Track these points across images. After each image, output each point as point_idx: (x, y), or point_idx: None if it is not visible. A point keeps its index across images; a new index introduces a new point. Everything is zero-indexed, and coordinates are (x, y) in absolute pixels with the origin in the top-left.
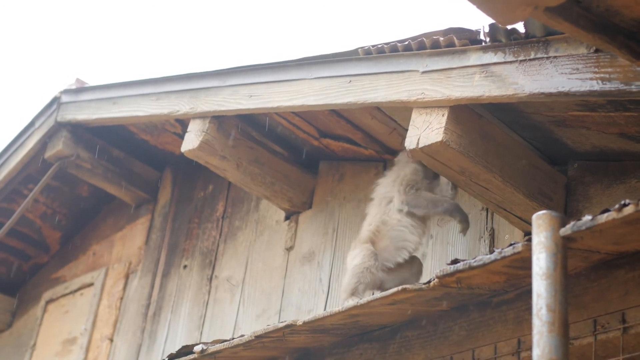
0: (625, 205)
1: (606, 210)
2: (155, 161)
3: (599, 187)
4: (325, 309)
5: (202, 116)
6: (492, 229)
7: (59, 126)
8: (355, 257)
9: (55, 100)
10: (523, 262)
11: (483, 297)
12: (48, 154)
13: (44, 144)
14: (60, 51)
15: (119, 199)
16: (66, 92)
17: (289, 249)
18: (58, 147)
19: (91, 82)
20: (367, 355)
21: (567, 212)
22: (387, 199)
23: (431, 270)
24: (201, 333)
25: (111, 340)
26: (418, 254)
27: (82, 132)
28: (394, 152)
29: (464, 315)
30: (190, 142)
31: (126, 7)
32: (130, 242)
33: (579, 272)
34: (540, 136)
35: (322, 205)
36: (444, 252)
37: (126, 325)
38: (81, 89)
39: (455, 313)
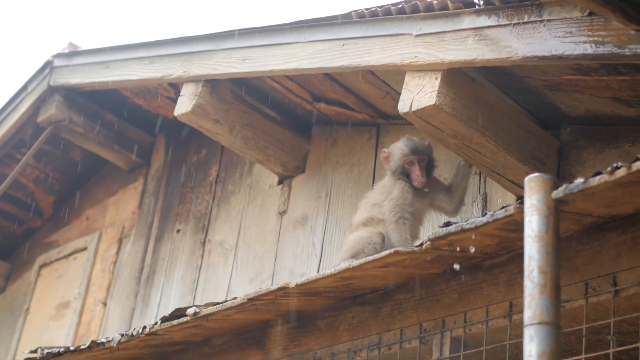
0: (617, 167)
1: (598, 173)
2: (149, 125)
3: (591, 151)
4: (318, 273)
5: (195, 80)
6: (485, 193)
7: (51, 90)
8: (363, 232)
9: (48, 64)
10: (515, 225)
11: (475, 260)
12: (41, 118)
13: (36, 108)
14: (53, 15)
15: (112, 163)
16: (59, 56)
17: (282, 213)
18: (51, 111)
19: (84, 46)
20: (359, 318)
21: (559, 176)
22: (377, 205)
23: (424, 234)
24: (194, 297)
25: (104, 304)
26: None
27: (75, 96)
28: (387, 116)
29: (455, 278)
30: (183, 105)
31: None
32: (123, 206)
33: (571, 235)
34: (534, 100)
35: (315, 170)
36: (437, 215)
37: (119, 290)
38: (74, 53)
39: (447, 276)
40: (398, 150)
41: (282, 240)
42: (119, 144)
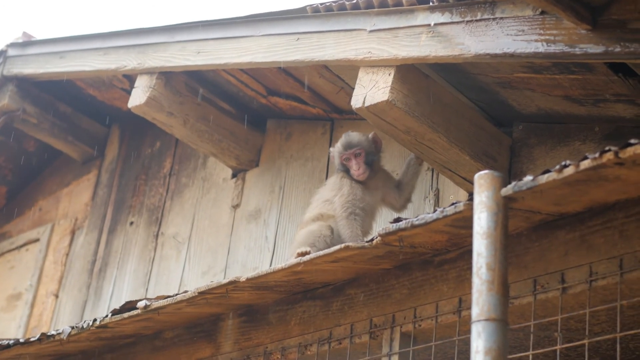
0: (565, 166)
1: (547, 171)
2: (103, 117)
3: (543, 149)
4: (270, 267)
5: (149, 72)
6: (437, 189)
7: (5, 80)
8: (313, 226)
9: (2, 53)
10: (465, 222)
11: (425, 256)
12: None
13: None
14: (7, 4)
15: (66, 154)
16: (13, 45)
17: (236, 207)
18: (4, 101)
19: (38, 36)
20: (310, 312)
21: (511, 173)
22: (329, 202)
23: (375, 229)
24: (147, 290)
25: (56, 296)
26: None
27: (29, 87)
28: (341, 111)
29: (406, 274)
30: (137, 97)
31: None
32: (76, 198)
33: (520, 232)
34: (486, 97)
35: (269, 164)
36: (389, 211)
37: (72, 282)
38: (28, 43)
39: (398, 272)
40: (336, 149)
41: (235, 234)
42: (72, 135)
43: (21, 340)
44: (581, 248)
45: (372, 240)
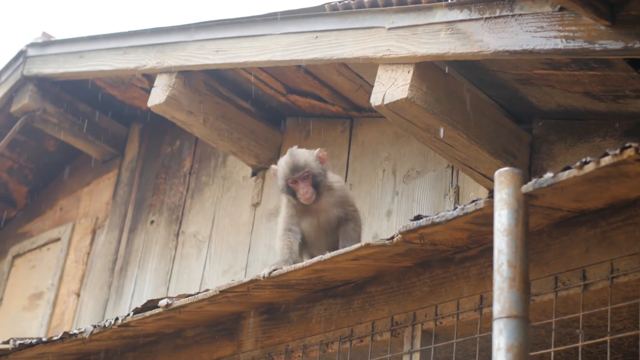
0: (586, 162)
1: (567, 168)
2: (123, 116)
3: (563, 146)
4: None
5: (168, 71)
6: (457, 187)
7: (25, 80)
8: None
9: (22, 53)
10: (485, 219)
11: (446, 253)
12: (14, 108)
13: (10, 98)
14: (27, 4)
15: (86, 154)
16: (32, 45)
17: (256, 205)
18: (24, 101)
19: (58, 36)
20: (331, 310)
21: (531, 170)
22: None
23: (396, 227)
24: (168, 288)
25: (78, 295)
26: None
27: (49, 86)
28: (361, 109)
29: (427, 272)
30: (157, 96)
31: None
32: (97, 197)
33: (541, 230)
34: (506, 94)
35: None
36: (409, 209)
37: (93, 280)
38: (48, 43)
39: (419, 269)
40: (280, 169)
41: (256, 232)
42: (92, 134)
43: (44, 339)
44: (602, 245)
45: (392, 238)
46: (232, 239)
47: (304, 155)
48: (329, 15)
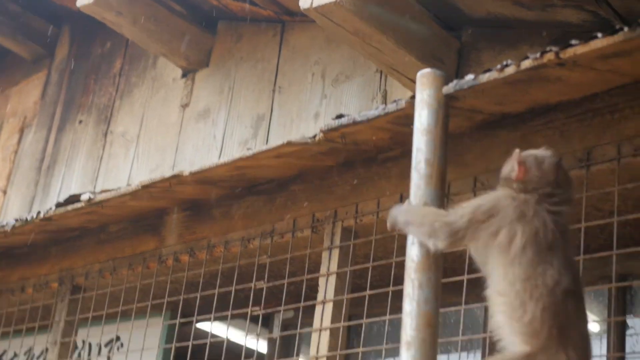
0: (507, 65)
1: (488, 70)
2: (54, 16)
3: (491, 53)
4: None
5: None
6: (385, 91)
7: None
8: None
9: None
10: (407, 119)
11: (369, 153)
12: None
13: None
14: None
15: (15, 53)
16: None
17: (185, 106)
18: None
19: None
20: (254, 207)
21: (458, 76)
22: None
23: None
24: (95, 187)
25: (4, 192)
26: None
27: None
28: (292, 13)
29: (350, 171)
30: None
31: None
32: (25, 96)
33: (462, 132)
34: (436, 0)
35: (219, 65)
36: (336, 112)
37: (20, 178)
38: None
39: (342, 169)
40: None
41: (184, 133)
42: (22, 34)
43: None
44: (522, 147)
45: (314, 136)
46: (160, 139)
47: None
48: None
